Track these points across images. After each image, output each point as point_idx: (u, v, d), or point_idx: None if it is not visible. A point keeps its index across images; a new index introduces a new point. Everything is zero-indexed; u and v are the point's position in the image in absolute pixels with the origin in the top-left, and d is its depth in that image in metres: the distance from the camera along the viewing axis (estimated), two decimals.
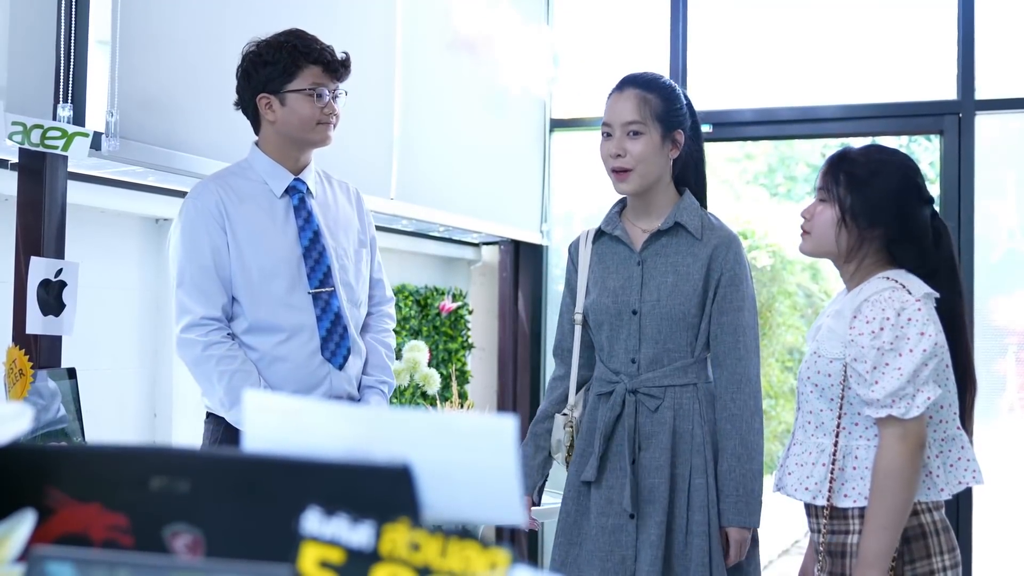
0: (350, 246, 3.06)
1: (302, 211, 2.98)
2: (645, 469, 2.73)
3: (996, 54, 4.98)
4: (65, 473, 1.01)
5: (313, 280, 2.94)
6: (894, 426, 2.28)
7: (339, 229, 3.04)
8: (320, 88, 2.91)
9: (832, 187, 2.43)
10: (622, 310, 2.79)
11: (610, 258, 2.87)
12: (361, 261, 3.10)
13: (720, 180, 8.65)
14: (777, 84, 5.44)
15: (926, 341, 2.28)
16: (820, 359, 2.41)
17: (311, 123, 2.92)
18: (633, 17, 5.66)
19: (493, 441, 0.94)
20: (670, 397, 2.75)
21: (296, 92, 2.89)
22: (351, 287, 3.03)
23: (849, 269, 2.46)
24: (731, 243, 2.80)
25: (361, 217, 3.17)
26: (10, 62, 2.72)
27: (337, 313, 2.95)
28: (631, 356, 2.78)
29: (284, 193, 2.97)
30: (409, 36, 4.47)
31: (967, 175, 4.93)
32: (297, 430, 0.99)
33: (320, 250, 2.96)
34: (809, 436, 2.45)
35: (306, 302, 2.92)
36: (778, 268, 7.92)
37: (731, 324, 2.75)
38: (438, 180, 4.64)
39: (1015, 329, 4.96)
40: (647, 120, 2.76)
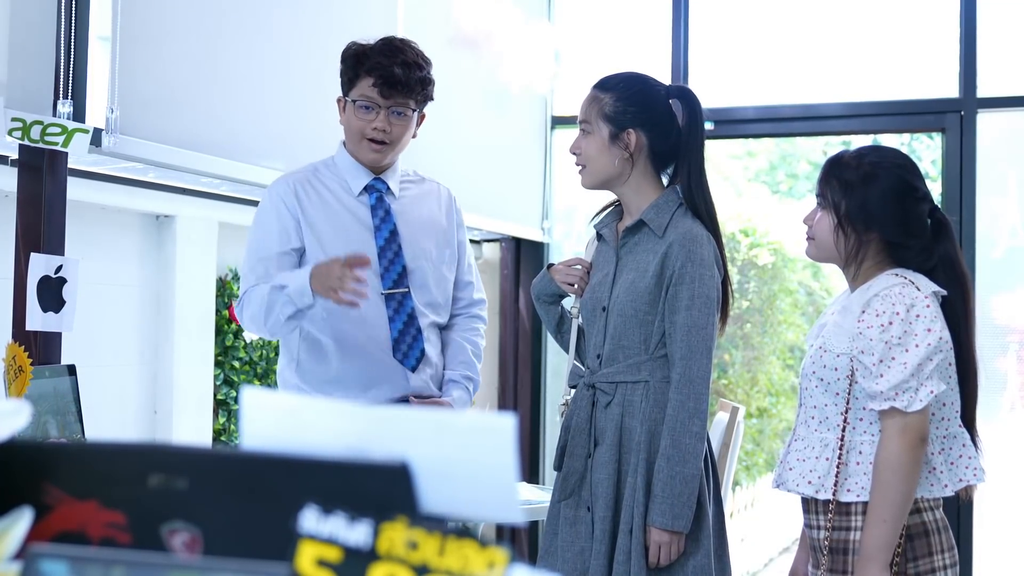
0: (432, 248, 2.99)
1: (379, 210, 2.94)
2: (597, 464, 2.74)
3: (998, 52, 4.97)
4: (63, 470, 1.01)
5: (387, 280, 2.90)
6: (896, 418, 2.30)
7: (421, 230, 2.98)
8: (368, 102, 2.86)
9: (827, 193, 2.46)
10: (596, 307, 2.82)
11: (599, 255, 2.91)
12: (444, 264, 3.02)
13: (722, 177, 8.65)
14: (779, 81, 5.44)
15: (932, 336, 2.31)
16: (826, 354, 2.42)
17: (357, 136, 2.90)
18: (635, 13, 5.66)
19: (492, 439, 0.93)
20: (620, 393, 2.74)
21: (352, 102, 2.89)
22: (429, 290, 2.96)
23: (851, 271, 2.49)
24: (685, 241, 2.71)
25: (451, 219, 3.10)
26: (10, 58, 2.72)
27: (411, 315, 2.90)
28: (597, 352, 2.81)
29: (363, 191, 2.95)
30: (410, 32, 4.46)
31: (969, 173, 4.92)
32: (295, 428, 0.99)
33: (396, 250, 2.92)
34: (812, 431, 2.46)
35: (379, 301, 2.88)
36: (779, 266, 7.92)
37: (681, 323, 2.68)
38: (439, 177, 4.63)
39: (1017, 327, 4.96)
40: (591, 119, 2.79)
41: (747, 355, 8.02)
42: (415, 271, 2.93)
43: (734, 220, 7.89)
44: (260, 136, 3.70)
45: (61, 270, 2.74)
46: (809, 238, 2.53)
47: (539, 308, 3.03)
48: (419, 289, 2.93)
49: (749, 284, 7.95)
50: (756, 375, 7.98)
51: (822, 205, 2.48)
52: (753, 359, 8.03)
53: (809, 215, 2.53)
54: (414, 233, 2.96)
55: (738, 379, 7.95)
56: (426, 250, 2.96)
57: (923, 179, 2.52)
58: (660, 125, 2.80)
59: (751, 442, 7.82)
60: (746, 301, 7.97)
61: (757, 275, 7.90)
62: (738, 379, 7.95)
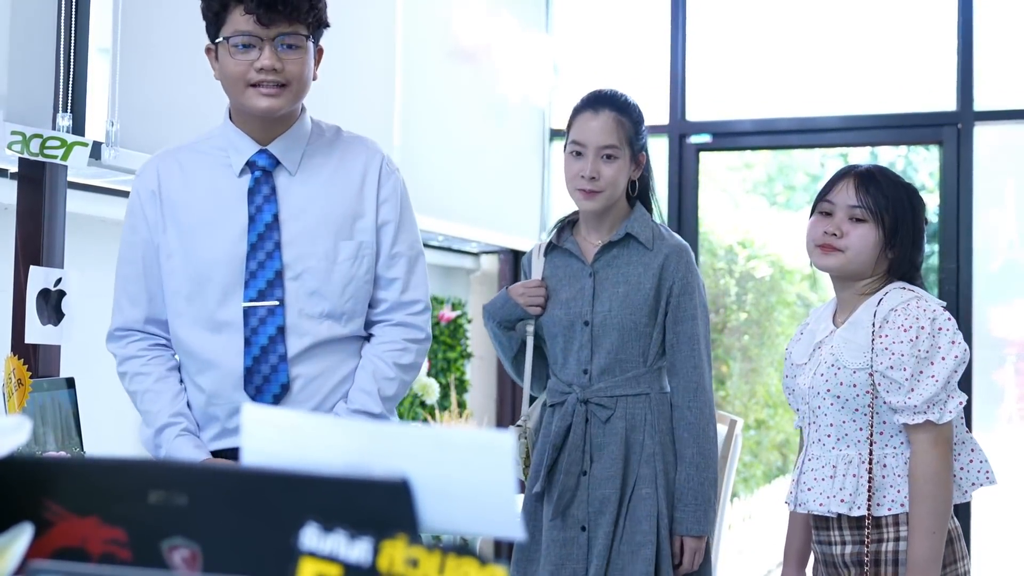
0: (332, 239, 2.34)
1: (257, 195, 2.32)
2: (596, 480, 2.73)
3: (995, 65, 4.99)
4: (63, 486, 1.01)
5: (251, 289, 2.30)
6: (929, 431, 2.34)
7: (323, 217, 2.35)
8: (246, 37, 2.23)
9: (877, 209, 2.42)
10: (574, 321, 2.78)
11: (562, 271, 2.86)
12: (351, 259, 2.36)
13: (720, 189, 8.67)
14: (776, 94, 5.45)
15: (957, 349, 2.34)
16: (841, 371, 2.40)
17: (240, 85, 2.26)
18: (633, 26, 5.67)
19: (491, 456, 0.94)
20: (622, 407, 2.75)
21: (221, 43, 2.26)
22: (324, 296, 2.33)
23: (864, 283, 2.47)
24: (682, 252, 2.80)
25: (371, 194, 2.41)
26: (10, 71, 2.72)
27: (273, 337, 2.30)
28: (583, 367, 2.77)
29: (245, 167, 2.34)
30: (409, 45, 4.48)
31: (966, 185, 4.93)
32: (295, 444, 1.00)
33: (271, 248, 2.30)
34: (829, 450, 2.44)
35: (235, 319, 2.31)
36: (777, 278, 7.93)
37: (686, 334, 2.76)
38: (438, 189, 4.64)
39: (1014, 339, 4.97)
40: (622, 144, 2.76)
41: (745, 367, 8.02)
42: (303, 274, 2.32)
43: (732, 232, 7.90)
44: None
45: (60, 283, 2.74)
46: (836, 250, 2.44)
47: (499, 334, 2.89)
48: (309, 297, 2.32)
49: (747, 296, 7.95)
50: (754, 387, 7.98)
51: (862, 219, 2.42)
52: (751, 371, 8.02)
53: (836, 225, 2.45)
54: (311, 221, 2.34)
55: (736, 391, 7.94)
56: (322, 244, 2.33)
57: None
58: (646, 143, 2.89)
59: (749, 454, 7.81)
60: (744, 313, 7.98)
61: (755, 287, 7.91)
62: (736, 391, 7.94)
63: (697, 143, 5.43)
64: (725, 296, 7.92)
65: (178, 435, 2.30)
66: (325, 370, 2.35)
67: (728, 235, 7.88)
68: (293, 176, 2.35)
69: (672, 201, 5.42)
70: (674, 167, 5.43)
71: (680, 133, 5.42)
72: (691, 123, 5.43)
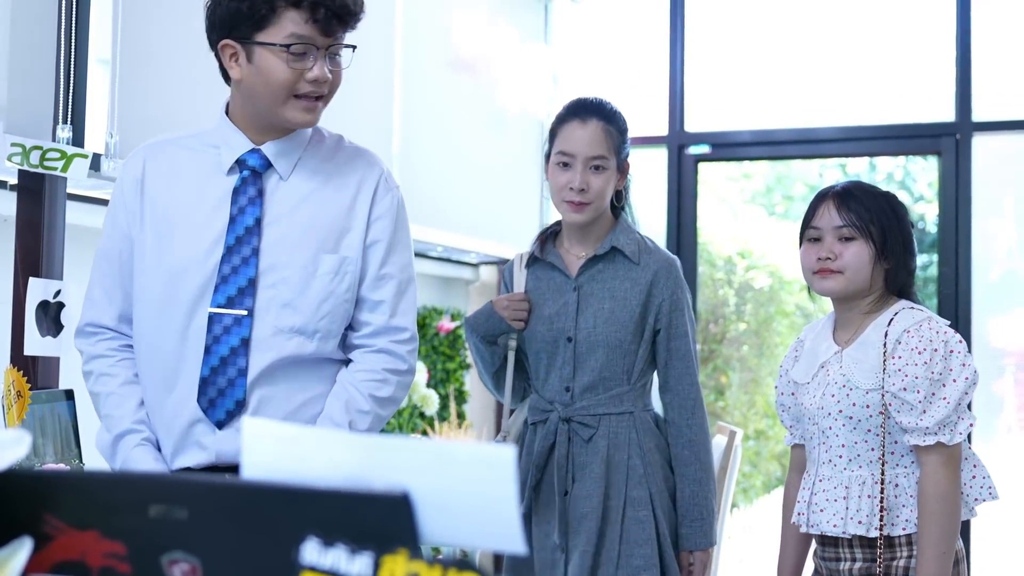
0: (313, 251, 2.18)
1: (242, 195, 2.17)
2: (576, 499, 2.66)
3: (993, 76, 5.00)
4: (63, 500, 1.01)
5: (220, 295, 2.13)
6: (939, 452, 2.34)
7: (310, 226, 2.19)
8: (302, 45, 2.08)
9: (863, 224, 2.41)
10: (557, 337, 2.71)
11: (544, 284, 2.78)
12: (332, 274, 2.20)
13: (719, 200, 8.67)
14: (775, 105, 5.46)
15: (968, 371, 2.35)
16: (852, 391, 2.40)
17: (283, 93, 2.10)
18: (632, 38, 5.68)
19: (492, 469, 0.93)
20: (604, 426, 2.68)
21: (267, 45, 2.07)
22: (298, 311, 2.16)
23: (866, 301, 2.47)
24: (671, 268, 2.73)
25: (360, 209, 2.25)
26: (10, 83, 2.73)
27: (236, 348, 2.12)
28: (565, 384, 2.70)
29: (234, 165, 2.19)
30: (408, 55, 4.49)
31: (965, 196, 4.94)
32: (295, 457, 0.99)
33: (248, 254, 2.14)
34: (840, 471, 2.43)
35: (201, 324, 2.14)
36: (776, 288, 7.93)
37: (680, 351, 2.72)
38: (437, 200, 4.65)
39: (1013, 349, 4.97)
40: (610, 154, 2.69)
41: (744, 377, 8.02)
42: (277, 284, 2.15)
43: (731, 243, 7.91)
44: None
45: (60, 294, 2.74)
46: (832, 272, 2.44)
47: (481, 348, 2.79)
48: (282, 309, 2.15)
49: (746, 306, 7.96)
50: (753, 397, 7.98)
51: (852, 237, 2.42)
52: (750, 381, 8.03)
53: (828, 247, 2.44)
54: (294, 229, 2.18)
55: (735, 401, 7.95)
56: (301, 255, 2.17)
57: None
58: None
59: (748, 464, 7.81)
60: (743, 323, 7.98)
61: (754, 297, 7.92)
62: (735, 401, 7.95)
63: (696, 154, 5.44)
64: (724, 306, 7.92)
65: (138, 444, 2.13)
66: (286, 391, 2.17)
67: (727, 245, 7.89)
68: (284, 181, 2.20)
69: (671, 212, 5.42)
70: (673, 178, 5.43)
71: (679, 144, 5.42)
72: (690, 134, 5.44)
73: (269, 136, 2.19)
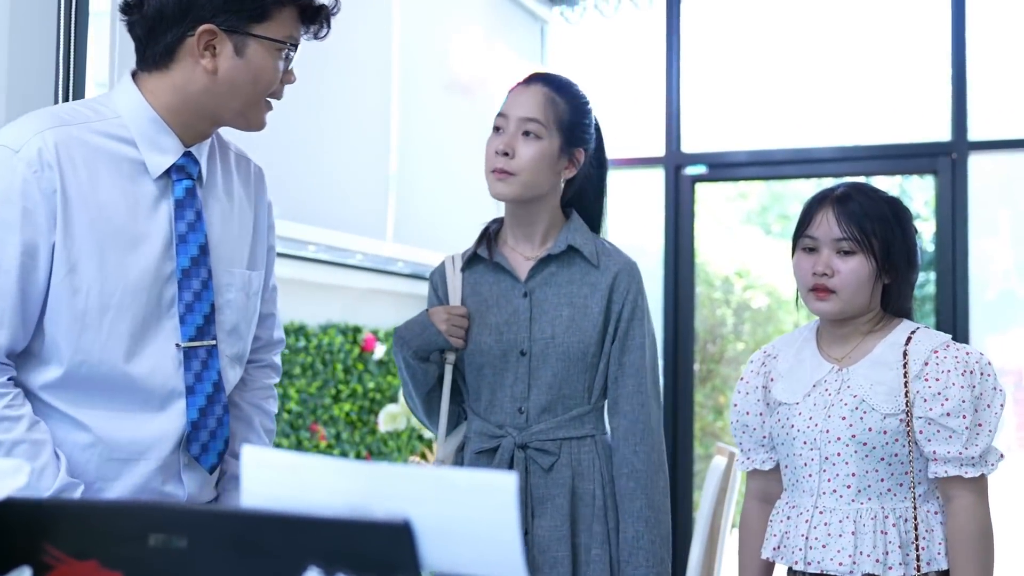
0: (244, 266, 1.99)
1: (188, 209, 1.88)
2: (543, 542, 2.29)
3: (988, 95, 5.02)
4: (62, 530, 1.01)
5: (189, 326, 1.87)
6: (979, 484, 2.16)
7: (230, 237, 1.97)
8: (294, 44, 1.93)
9: (863, 237, 2.18)
10: (508, 351, 2.33)
11: (487, 289, 2.40)
12: (255, 291, 2.01)
13: (715, 220, 8.69)
14: (772, 125, 5.47)
15: (1001, 396, 2.17)
16: (868, 414, 2.16)
17: (259, 93, 1.90)
18: (628, 59, 5.70)
19: (493, 497, 0.93)
20: (567, 452, 2.32)
21: (264, 40, 1.87)
22: (241, 337, 1.97)
23: (865, 319, 2.25)
24: (633, 271, 2.38)
25: (260, 215, 2.06)
26: (7, 105, 2.73)
27: (217, 383, 1.91)
28: (518, 405, 2.33)
29: (163, 173, 1.87)
30: (406, 77, 4.49)
31: (961, 215, 4.95)
32: (296, 485, 0.99)
33: (205, 276, 1.89)
34: (847, 502, 2.17)
35: (171, 361, 1.86)
36: (774, 308, 7.93)
37: (633, 365, 2.34)
38: (435, 222, 4.65)
39: (1011, 368, 4.96)
40: (549, 123, 2.32)
41: None
42: (224, 307, 1.93)
43: (729, 262, 7.91)
44: None
45: None
46: (828, 291, 2.20)
47: (413, 365, 2.37)
48: (229, 336, 1.95)
49: (744, 326, 7.96)
50: None
51: (851, 251, 2.19)
52: None
53: (824, 263, 2.20)
54: (222, 244, 1.95)
55: None
56: (235, 272, 1.96)
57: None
58: (593, 148, 2.47)
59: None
60: (741, 343, 7.98)
61: (752, 317, 7.91)
62: None
63: (693, 174, 5.45)
64: (722, 326, 7.92)
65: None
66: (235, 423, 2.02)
67: (724, 265, 7.90)
68: (204, 188, 1.93)
69: (669, 232, 5.43)
70: (670, 198, 5.44)
71: (676, 164, 5.43)
72: (686, 154, 5.45)
73: (195, 136, 1.91)
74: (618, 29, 5.72)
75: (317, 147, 4.03)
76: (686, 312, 5.48)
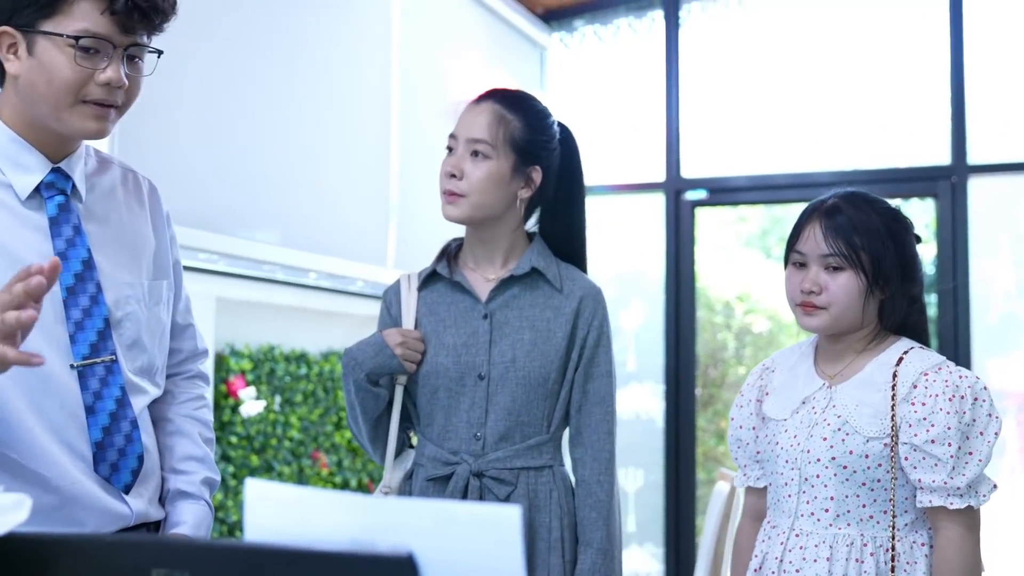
0: (142, 278, 1.92)
1: (65, 225, 1.82)
2: None
3: (987, 119, 5.03)
4: (64, 565, 1.00)
5: (81, 344, 1.79)
6: (968, 516, 2.03)
7: (123, 249, 1.91)
8: (94, 40, 1.73)
9: (851, 252, 2.09)
10: (465, 373, 2.25)
11: (445, 309, 2.32)
12: (161, 303, 1.95)
13: (716, 245, 8.70)
14: (771, 150, 5.49)
15: (996, 424, 2.06)
16: (851, 436, 2.07)
17: (67, 96, 1.75)
18: (627, 85, 5.72)
19: (497, 530, 0.93)
20: (524, 483, 2.24)
21: (52, 36, 1.73)
22: (144, 348, 1.90)
23: (859, 336, 2.16)
24: (598, 297, 2.31)
25: (159, 227, 2.00)
26: None
27: (120, 399, 1.82)
28: (474, 431, 2.24)
29: (34, 193, 1.81)
30: (405, 104, 4.51)
31: (961, 237, 4.95)
32: (298, 519, 0.98)
33: (93, 291, 1.82)
34: (825, 527, 2.09)
35: (66, 382, 1.77)
36: (775, 331, 7.93)
37: (599, 393, 2.27)
38: (436, 248, 4.64)
39: (1013, 391, 4.95)
40: (497, 143, 2.23)
41: None
42: (123, 321, 1.86)
43: (729, 287, 7.91)
44: (256, 211, 3.72)
45: None
46: (816, 308, 2.12)
47: (364, 389, 2.27)
48: (129, 350, 1.87)
49: (745, 350, 7.95)
50: None
51: (839, 267, 2.10)
52: None
53: (812, 280, 2.12)
54: (114, 257, 1.88)
55: None
56: (133, 284, 1.89)
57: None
58: (555, 165, 2.35)
59: None
60: (743, 367, 7.97)
61: (753, 341, 7.91)
62: None
63: (693, 199, 5.45)
64: (723, 351, 7.91)
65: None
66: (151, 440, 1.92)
67: (725, 290, 7.90)
68: (83, 203, 1.86)
69: (669, 257, 5.43)
70: (671, 223, 5.45)
71: (676, 189, 5.44)
72: (686, 180, 5.46)
73: (63, 151, 1.84)
74: (617, 55, 5.74)
75: (317, 174, 4.04)
76: (687, 336, 5.48)
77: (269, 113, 3.73)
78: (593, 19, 5.76)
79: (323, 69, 4.03)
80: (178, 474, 1.94)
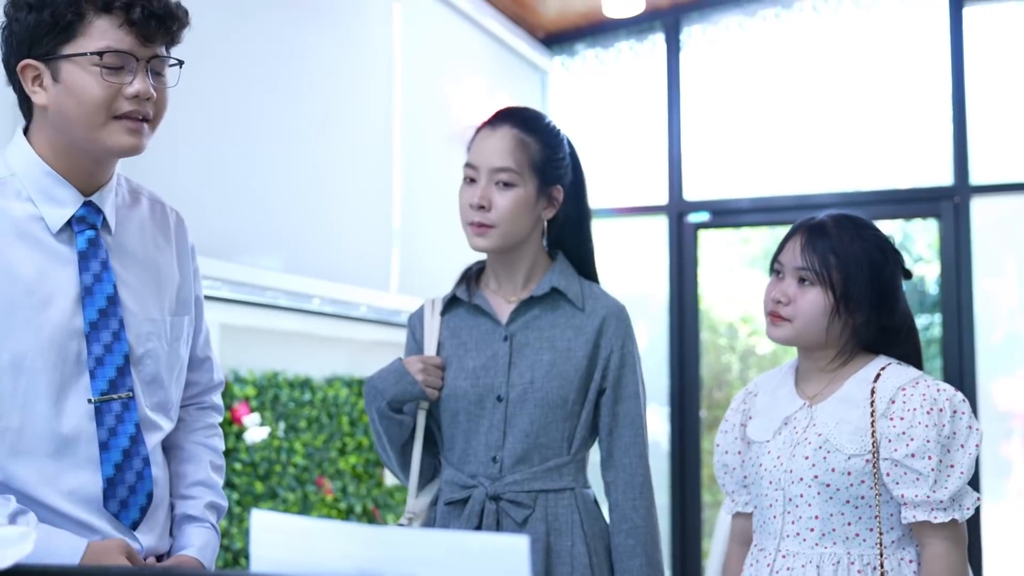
0: (165, 315, 1.93)
1: (93, 260, 1.83)
2: None
3: (989, 139, 5.04)
4: None
5: (100, 379, 1.80)
6: (953, 530, 2.03)
7: (148, 285, 1.91)
8: (117, 55, 1.75)
9: (821, 270, 2.10)
10: (484, 396, 2.23)
11: (467, 332, 2.30)
12: (181, 338, 1.95)
13: (719, 266, 8.70)
14: (774, 172, 5.49)
15: (976, 436, 2.05)
16: (832, 454, 2.06)
17: (100, 114, 1.76)
18: (629, 108, 5.73)
19: (505, 561, 0.92)
20: (542, 506, 2.20)
21: (75, 58, 1.74)
22: (162, 384, 1.90)
23: (828, 355, 2.16)
24: (621, 315, 2.28)
25: (183, 261, 2.00)
26: None
27: (134, 436, 1.83)
28: (492, 454, 2.21)
29: (65, 225, 1.82)
30: (408, 128, 4.52)
31: (965, 257, 4.95)
32: (305, 550, 0.98)
33: (116, 327, 1.82)
34: (811, 546, 2.07)
35: (83, 418, 1.78)
36: (779, 353, 7.92)
37: (629, 415, 2.24)
38: (439, 273, 4.64)
39: (1019, 411, 4.94)
40: (523, 169, 2.22)
41: None
42: (144, 357, 1.87)
43: (733, 308, 7.91)
44: (258, 237, 3.72)
45: None
46: (781, 318, 2.14)
47: (387, 416, 2.26)
48: (148, 386, 1.88)
49: (749, 372, 7.94)
50: None
51: (809, 281, 2.11)
52: None
53: (781, 290, 2.14)
54: (139, 293, 1.89)
55: None
56: (156, 320, 1.90)
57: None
58: (573, 181, 2.34)
59: None
60: None
61: (757, 363, 7.90)
62: None
63: (696, 222, 5.46)
64: (727, 372, 7.90)
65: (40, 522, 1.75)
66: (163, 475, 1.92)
67: (729, 311, 7.89)
68: (113, 236, 1.88)
69: (673, 279, 5.44)
70: (674, 246, 5.46)
71: (679, 212, 5.45)
72: (689, 202, 5.47)
73: (95, 184, 1.85)
74: (619, 78, 5.76)
75: (320, 200, 4.04)
76: (691, 358, 5.48)
77: (271, 139, 3.74)
78: (594, 42, 5.78)
79: (325, 95, 4.05)
80: (185, 499, 1.95)
